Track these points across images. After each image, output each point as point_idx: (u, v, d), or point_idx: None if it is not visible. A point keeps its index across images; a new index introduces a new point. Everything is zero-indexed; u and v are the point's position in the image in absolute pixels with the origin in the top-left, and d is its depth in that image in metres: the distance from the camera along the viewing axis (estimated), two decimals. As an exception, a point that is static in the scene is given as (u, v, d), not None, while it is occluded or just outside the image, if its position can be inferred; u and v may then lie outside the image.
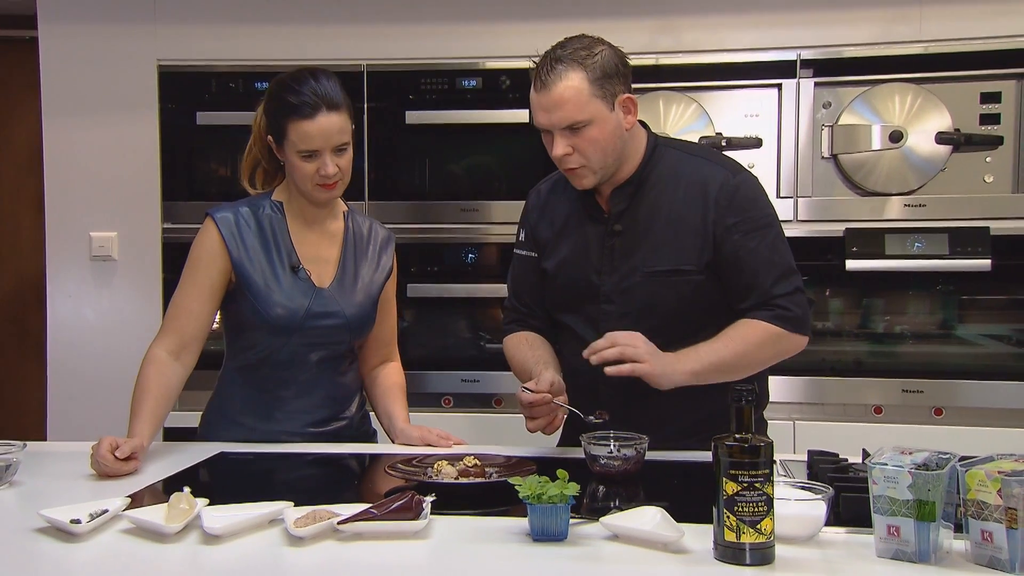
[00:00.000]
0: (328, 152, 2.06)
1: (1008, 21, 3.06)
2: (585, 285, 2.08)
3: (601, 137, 1.95)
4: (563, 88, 1.91)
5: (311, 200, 2.14)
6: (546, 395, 1.94)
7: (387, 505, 1.48)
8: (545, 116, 1.95)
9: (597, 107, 1.94)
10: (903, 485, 1.37)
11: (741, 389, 1.39)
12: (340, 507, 1.51)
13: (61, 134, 3.37)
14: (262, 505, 1.54)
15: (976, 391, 3.09)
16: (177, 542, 1.45)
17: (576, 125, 1.94)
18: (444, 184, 3.33)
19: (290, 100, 2.05)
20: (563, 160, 1.98)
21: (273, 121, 2.10)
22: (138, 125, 3.35)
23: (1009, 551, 1.32)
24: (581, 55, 1.93)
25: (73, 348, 3.41)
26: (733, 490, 1.35)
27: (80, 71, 3.35)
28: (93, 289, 3.40)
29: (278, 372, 2.15)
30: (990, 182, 3.09)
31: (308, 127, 2.04)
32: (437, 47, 3.28)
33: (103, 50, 3.35)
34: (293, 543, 1.44)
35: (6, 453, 1.78)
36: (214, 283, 2.12)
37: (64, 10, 3.36)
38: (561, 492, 1.44)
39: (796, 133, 3.15)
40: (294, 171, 2.10)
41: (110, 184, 3.37)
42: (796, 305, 2.01)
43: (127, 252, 3.38)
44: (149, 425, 1.99)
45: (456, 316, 3.37)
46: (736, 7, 3.20)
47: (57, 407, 3.39)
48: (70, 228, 3.39)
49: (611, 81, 1.95)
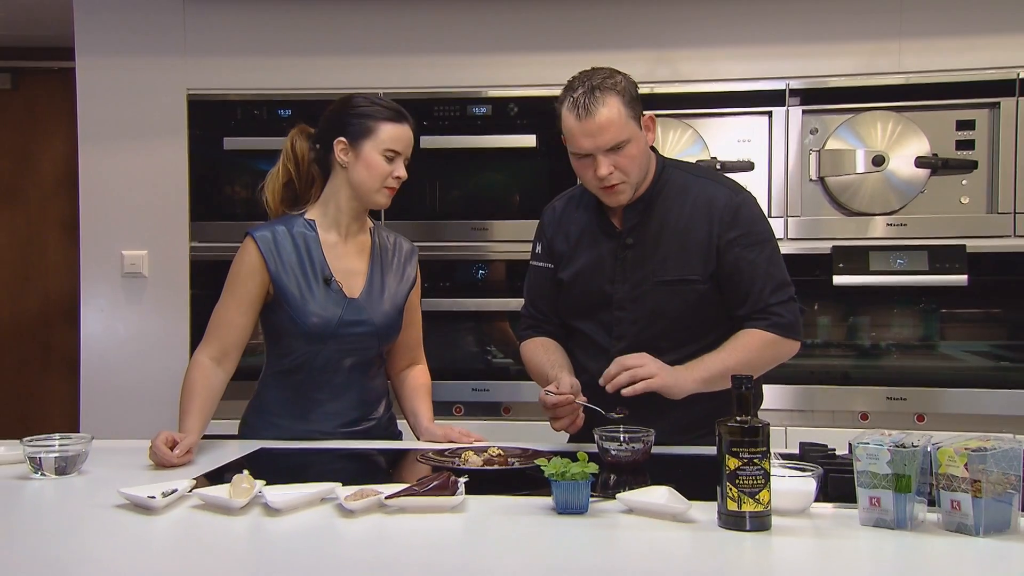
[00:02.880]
0: (403, 158, 2.29)
1: (981, 55, 3.25)
2: (599, 294, 2.25)
3: (638, 153, 2.15)
4: (606, 113, 2.10)
5: (372, 204, 2.33)
6: (568, 396, 2.10)
7: (427, 483, 1.66)
8: (590, 141, 2.12)
9: (632, 127, 2.13)
10: (883, 461, 1.55)
11: (741, 377, 1.58)
12: (383, 486, 1.69)
13: (95, 159, 3.53)
14: (314, 485, 1.71)
15: (956, 398, 3.25)
16: (243, 515, 1.63)
17: (619, 145, 2.12)
18: (456, 204, 3.51)
19: (380, 104, 2.29)
20: (606, 179, 2.14)
21: (353, 122, 2.28)
22: (168, 150, 3.51)
23: (974, 517, 1.50)
24: (610, 83, 2.12)
25: (105, 361, 3.55)
26: (735, 465, 1.53)
27: (114, 100, 3.52)
28: (124, 305, 3.54)
29: (314, 376, 2.32)
30: (966, 203, 3.26)
31: (400, 130, 2.28)
32: (449, 76, 3.46)
33: (136, 80, 3.51)
34: (345, 516, 1.62)
35: (76, 444, 1.95)
36: (253, 296, 2.29)
37: (100, 43, 3.53)
38: (583, 470, 1.62)
39: (786, 157, 3.32)
40: (370, 169, 2.28)
41: (141, 205, 3.52)
42: (789, 312, 2.20)
43: (157, 269, 3.53)
44: (198, 422, 2.16)
45: (467, 329, 3.52)
46: (729, 40, 3.38)
47: (90, 418, 3.52)
48: (103, 247, 3.54)
49: (636, 103, 2.16)
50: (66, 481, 1.91)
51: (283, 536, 1.55)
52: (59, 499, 1.82)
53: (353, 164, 2.29)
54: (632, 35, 3.42)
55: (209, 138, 3.52)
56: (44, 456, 1.91)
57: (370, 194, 2.31)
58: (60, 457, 1.92)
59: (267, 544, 1.54)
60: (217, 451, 2.18)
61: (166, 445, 2.01)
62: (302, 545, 1.50)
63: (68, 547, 1.53)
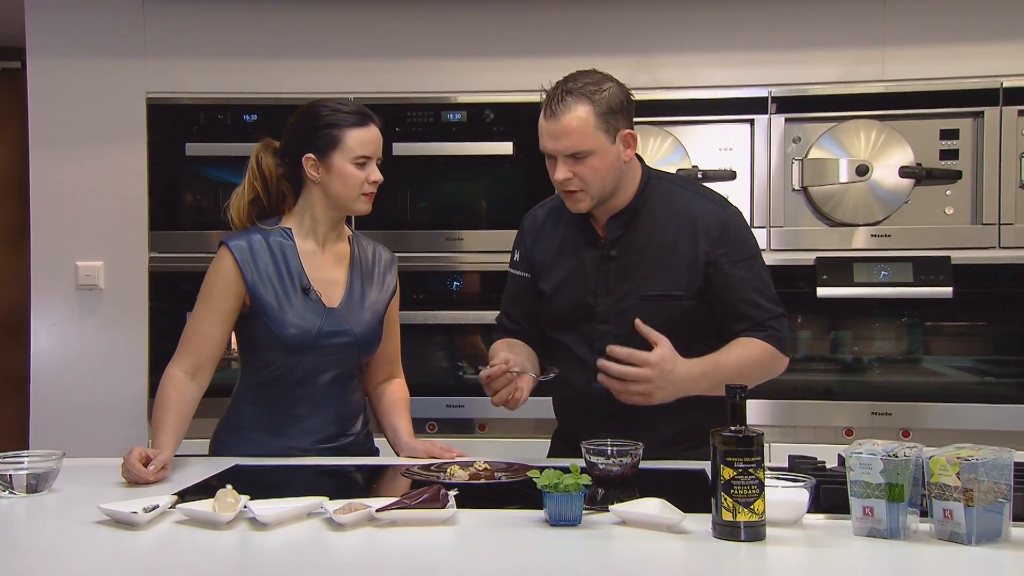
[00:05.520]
0: (375, 161, 2.36)
1: (965, 63, 3.39)
2: (581, 306, 2.33)
3: (601, 167, 2.22)
4: (570, 119, 2.18)
5: (354, 212, 2.40)
6: (501, 366, 2.18)
7: (418, 496, 1.73)
8: (551, 142, 2.21)
9: (600, 139, 2.20)
10: (876, 471, 1.65)
11: (736, 387, 1.67)
12: (371, 500, 1.76)
13: (48, 164, 3.55)
14: (301, 500, 1.78)
15: (942, 413, 3.37)
16: (229, 530, 1.69)
17: (579, 154, 2.19)
18: (429, 214, 3.57)
19: (342, 111, 2.35)
20: (563, 183, 2.23)
21: (318, 135, 2.34)
22: (126, 156, 3.53)
23: (967, 526, 1.60)
24: (590, 89, 2.20)
25: (58, 379, 3.55)
26: (730, 475, 1.62)
27: (69, 103, 3.54)
28: (78, 319, 3.55)
29: (292, 390, 2.38)
30: (950, 214, 3.38)
31: (365, 134, 2.34)
32: (423, 81, 3.53)
33: (92, 82, 3.53)
34: (335, 529, 1.68)
35: (47, 461, 2.00)
36: (229, 307, 2.35)
37: (54, 43, 3.55)
38: (576, 481, 1.70)
39: (768, 166, 3.43)
40: (344, 179, 2.34)
41: (97, 214, 3.54)
42: (783, 328, 2.29)
43: (113, 281, 3.55)
44: (172, 438, 2.22)
45: (441, 343, 3.58)
46: (711, 46, 3.49)
47: (41, 439, 3.50)
48: (56, 257, 3.55)
49: (615, 116, 2.21)
50: (38, 499, 1.95)
51: (273, 550, 1.62)
52: (34, 517, 1.86)
53: (326, 177, 2.36)
54: (612, 40, 3.52)
55: (170, 143, 3.55)
56: (15, 473, 1.95)
57: (350, 204, 2.38)
58: (31, 474, 1.96)
59: (257, 558, 1.61)
60: (189, 469, 2.23)
61: (140, 461, 2.06)
62: (293, 559, 1.57)
63: (51, 565, 1.57)
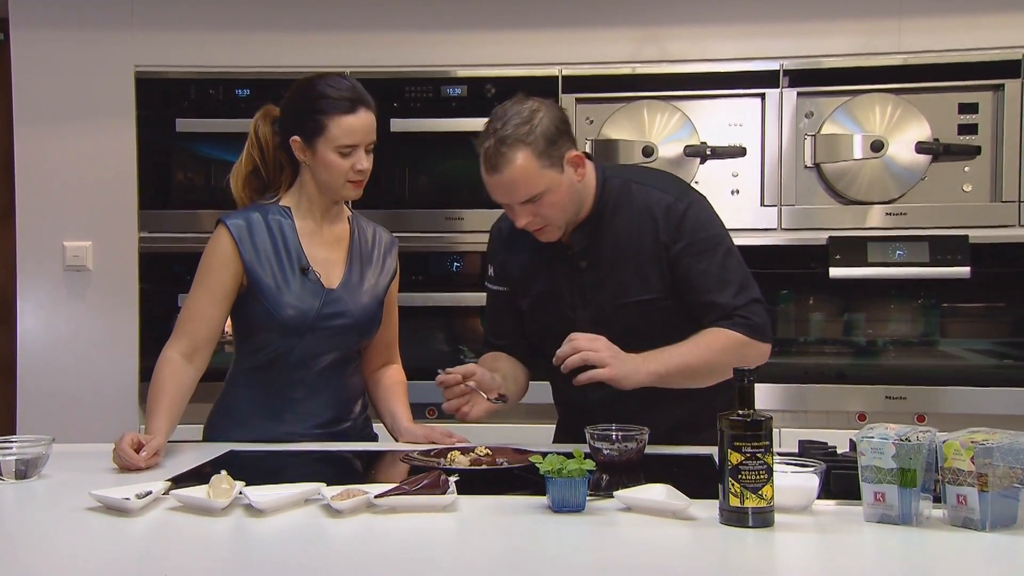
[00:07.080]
0: (363, 148, 2.33)
1: (985, 34, 3.38)
2: (561, 321, 2.33)
3: (558, 200, 2.21)
4: (512, 170, 2.15)
5: (339, 198, 2.40)
6: (456, 376, 2.24)
7: (417, 482, 1.75)
8: (503, 196, 2.22)
9: (548, 176, 2.18)
10: (888, 455, 1.67)
11: (744, 370, 1.69)
12: (369, 486, 1.78)
13: (33, 141, 3.57)
14: (297, 485, 1.80)
15: (958, 397, 3.39)
16: (225, 516, 1.71)
17: (534, 198, 2.19)
18: (429, 192, 3.59)
19: (330, 96, 2.31)
20: (528, 226, 2.24)
21: (305, 119, 2.33)
22: (114, 132, 3.55)
23: (980, 512, 1.61)
24: (522, 132, 2.15)
25: (45, 362, 3.59)
26: (737, 460, 1.64)
27: (54, 77, 3.55)
28: (66, 301, 3.58)
29: (288, 373, 2.40)
30: (968, 191, 3.39)
31: (351, 121, 2.30)
32: (422, 55, 3.53)
33: (79, 56, 3.55)
34: (332, 516, 1.70)
35: (36, 446, 2.02)
36: (226, 287, 2.36)
37: (38, 14, 3.55)
38: (580, 467, 1.72)
39: (779, 142, 3.44)
40: (328, 168, 2.33)
41: (85, 192, 3.56)
42: (755, 314, 2.28)
43: (102, 262, 3.58)
44: (166, 423, 2.23)
45: (441, 325, 3.61)
46: (720, 17, 3.49)
47: (28, 423, 3.55)
48: (42, 237, 3.57)
49: (555, 147, 2.18)
50: (27, 485, 1.97)
51: (269, 537, 1.64)
52: (23, 504, 1.89)
53: (312, 162, 2.36)
54: (617, 11, 3.52)
55: (160, 119, 3.57)
56: (3, 459, 1.97)
57: (335, 191, 2.38)
58: (20, 460, 1.98)
59: (253, 545, 1.63)
60: (182, 455, 2.24)
61: (132, 447, 2.08)
62: (290, 546, 1.59)
63: (42, 552, 1.59)
